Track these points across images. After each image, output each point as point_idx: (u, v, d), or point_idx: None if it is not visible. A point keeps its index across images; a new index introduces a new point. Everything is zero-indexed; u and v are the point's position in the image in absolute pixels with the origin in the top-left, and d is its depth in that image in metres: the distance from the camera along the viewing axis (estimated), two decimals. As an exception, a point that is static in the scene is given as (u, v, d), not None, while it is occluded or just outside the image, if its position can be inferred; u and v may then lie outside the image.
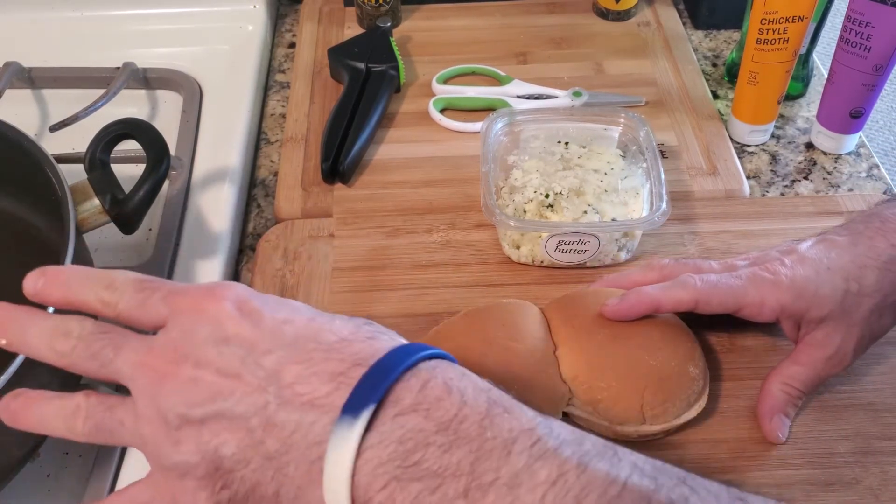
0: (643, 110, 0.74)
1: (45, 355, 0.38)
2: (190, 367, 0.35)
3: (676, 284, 0.50)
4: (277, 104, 0.78)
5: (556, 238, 0.58)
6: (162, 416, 0.35)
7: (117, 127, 0.54)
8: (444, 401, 0.34)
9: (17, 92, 0.76)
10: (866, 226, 0.51)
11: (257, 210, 0.69)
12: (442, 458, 0.33)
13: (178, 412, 0.35)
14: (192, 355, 0.35)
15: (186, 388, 0.35)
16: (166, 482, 0.36)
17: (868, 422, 0.52)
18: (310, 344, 0.36)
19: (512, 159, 0.64)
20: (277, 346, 0.36)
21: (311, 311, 0.38)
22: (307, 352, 0.35)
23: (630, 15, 0.84)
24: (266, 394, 0.35)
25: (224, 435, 0.35)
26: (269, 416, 0.34)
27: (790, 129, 0.74)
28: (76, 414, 0.38)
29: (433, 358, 0.36)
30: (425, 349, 0.36)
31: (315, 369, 0.35)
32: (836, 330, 0.49)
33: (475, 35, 0.83)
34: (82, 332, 0.37)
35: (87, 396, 0.38)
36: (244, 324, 0.36)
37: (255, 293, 0.38)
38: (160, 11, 0.83)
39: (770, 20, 0.64)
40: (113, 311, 0.38)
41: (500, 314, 0.53)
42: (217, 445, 0.34)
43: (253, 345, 0.36)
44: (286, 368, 0.35)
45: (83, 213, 0.52)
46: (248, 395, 0.35)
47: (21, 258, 0.58)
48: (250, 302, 0.37)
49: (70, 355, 0.37)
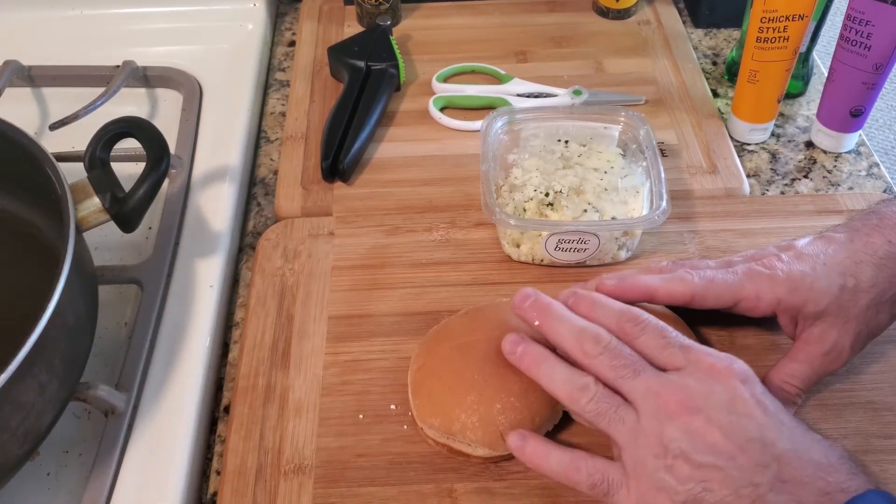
0: (643, 109, 0.74)
1: (569, 346, 0.46)
2: (702, 419, 0.42)
3: (674, 278, 0.51)
4: (277, 103, 0.78)
5: (556, 237, 0.58)
6: (662, 441, 0.42)
7: (117, 125, 0.54)
8: None
9: (17, 90, 0.76)
10: (864, 223, 0.51)
11: (257, 209, 0.69)
12: None
13: (680, 447, 0.42)
14: (704, 410, 0.42)
15: (693, 435, 0.42)
16: (638, 482, 0.43)
17: (867, 420, 0.52)
18: (804, 455, 0.42)
19: (512, 158, 0.64)
20: (780, 440, 0.42)
21: (797, 421, 0.44)
22: (802, 461, 0.42)
23: (630, 13, 0.84)
24: (763, 474, 0.41)
25: (714, 485, 0.41)
26: (759, 493, 0.41)
27: (790, 128, 0.74)
28: (584, 391, 0.44)
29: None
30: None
31: (806, 479, 0.41)
32: (833, 326, 0.49)
33: (475, 33, 0.83)
34: (609, 343, 0.45)
35: (597, 383, 0.44)
36: (754, 406, 0.43)
37: (759, 382, 0.45)
38: (160, 10, 0.83)
39: (770, 19, 0.64)
40: (632, 339, 0.46)
41: (501, 313, 0.53)
42: (705, 488, 0.41)
43: (760, 427, 0.42)
44: (785, 464, 0.41)
45: (83, 212, 0.52)
46: (747, 467, 0.41)
47: (21, 257, 0.58)
48: (756, 389, 0.44)
49: (594, 358, 0.45)
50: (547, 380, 0.46)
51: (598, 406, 0.44)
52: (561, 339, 0.46)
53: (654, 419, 0.43)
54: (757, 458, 0.41)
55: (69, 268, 0.46)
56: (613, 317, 0.47)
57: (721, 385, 0.43)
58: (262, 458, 0.51)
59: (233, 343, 0.59)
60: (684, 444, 0.42)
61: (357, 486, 0.49)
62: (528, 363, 0.47)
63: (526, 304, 0.48)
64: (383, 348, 0.56)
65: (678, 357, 0.45)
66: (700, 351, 0.45)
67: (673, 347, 0.45)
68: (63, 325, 0.47)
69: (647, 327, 0.46)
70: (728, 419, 0.42)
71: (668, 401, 0.43)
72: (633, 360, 0.44)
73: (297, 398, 0.53)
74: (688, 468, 0.41)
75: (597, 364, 0.45)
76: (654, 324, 0.46)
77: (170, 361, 0.55)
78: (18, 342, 0.42)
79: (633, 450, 0.43)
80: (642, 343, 0.45)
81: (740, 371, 0.44)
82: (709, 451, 0.41)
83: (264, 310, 0.59)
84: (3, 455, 0.45)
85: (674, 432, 0.42)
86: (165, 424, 0.52)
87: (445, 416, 0.49)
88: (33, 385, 0.45)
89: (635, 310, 0.47)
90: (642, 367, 0.44)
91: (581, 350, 0.45)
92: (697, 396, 0.43)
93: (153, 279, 0.59)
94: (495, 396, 0.48)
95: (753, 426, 0.42)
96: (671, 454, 0.42)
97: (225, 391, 0.57)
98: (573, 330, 0.46)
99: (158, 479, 0.50)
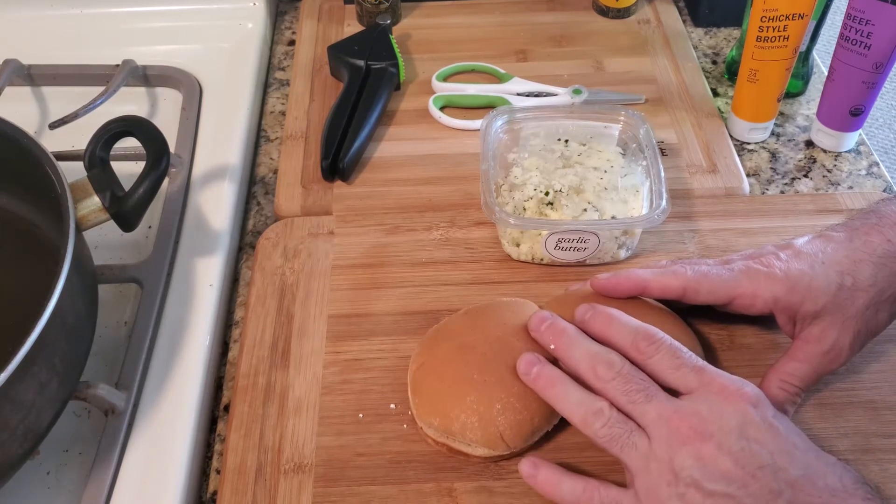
0: (643, 108, 0.74)
1: (583, 371, 0.46)
2: (713, 446, 0.42)
3: (667, 272, 0.51)
4: (277, 102, 0.78)
5: (555, 236, 0.58)
6: (672, 468, 0.42)
7: (117, 124, 0.54)
8: None
9: (17, 89, 0.76)
10: (863, 222, 0.51)
11: (257, 208, 0.69)
12: None
13: (691, 476, 0.42)
14: (716, 436, 0.42)
15: (705, 462, 0.42)
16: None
17: (867, 419, 0.52)
18: (818, 480, 0.42)
19: (512, 157, 0.64)
20: (792, 467, 0.42)
21: (809, 443, 0.44)
22: (816, 487, 0.41)
23: (630, 12, 0.84)
24: (776, 501, 0.41)
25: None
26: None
27: (790, 127, 0.74)
28: (598, 416, 0.44)
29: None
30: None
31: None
32: (832, 325, 0.49)
33: (475, 32, 0.83)
34: (622, 369, 0.45)
35: (611, 408, 0.44)
36: (765, 431, 0.42)
37: (770, 405, 0.44)
38: (160, 9, 0.83)
39: (770, 18, 0.64)
40: (645, 359, 0.46)
41: (500, 312, 0.53)
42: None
43: (772, 453, 0.42)
44: (799, 490, 0.41)
45: (83, 211, 0.52)
46: (759, 494, 0.41)
47: (20, 256, 0.58)
48: (767, 413, 0.44)
49: (608, 382, 0.45)
50: (561, 402, 0.46)
51: (612, 431, 0.44)
52: (575, 363, 0.47)
53: (666, 445, 0.43)
54: (769, 485, 0.41)
55: (69, 267, 0.46)
56: (629, 335, 0.46)
57: (732, 408, 0.43)
58: (261, 456, 0.51)
59: (233, 342, 0.60)
60: (696, 473, 0.41)
61: (357, 485, 0.49)
62: (543, 385, 0.47)
63: (542, 327, 0.49)
64: (383, 347, 0.56)
65: (691, 379, 0.45)
66: (713, 372, 0.45)
67: (686, 368, 0.45)
68: (63, 324, 0.47)
69: (661, 346, 0.46)
70: (739, 445, 0.42)
71: (679, 426, 0.43)
72: (646, 386, 0.44)
73: (296, 397, 0.53)
74: (700, 497, 0.41)
75: (610, 389, 0.45)
76: (669, 344, 0.46)
77: (170, 360, 0.55)
78: (18, 341, 0.42)
79: (645, 477, 0.43)
80: (655, 362, 0.45)
81: (752, 394, 0.44)
82: (720, 479, 0.41)
83: (264, 309, 0.59)
84: (3, 454, 0.45)
85: (685, 459, 0.42)
86: (165, 423, 0.52)
87: (445, 416, 0.49)
88: (33, 384, 0.45)
89: (651, 328, 0.47)
90: (654, 392, 0.44)
91: (594, 374, 0.45)
92: (708, 422, 0.42)
93: (153, 278, 0.59)
94: (495, 396, 0.48)
95: (765, 452, 0.42)
96: (683, 482, 0.42)
97: (225, 390, 0.57)
98: (587, 354, 0.46)
99: (158, 478, 0.50)
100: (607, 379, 0.45)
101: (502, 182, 0.63)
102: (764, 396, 0.44)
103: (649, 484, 0.43)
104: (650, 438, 0.43)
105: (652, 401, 0.44)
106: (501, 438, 0.48)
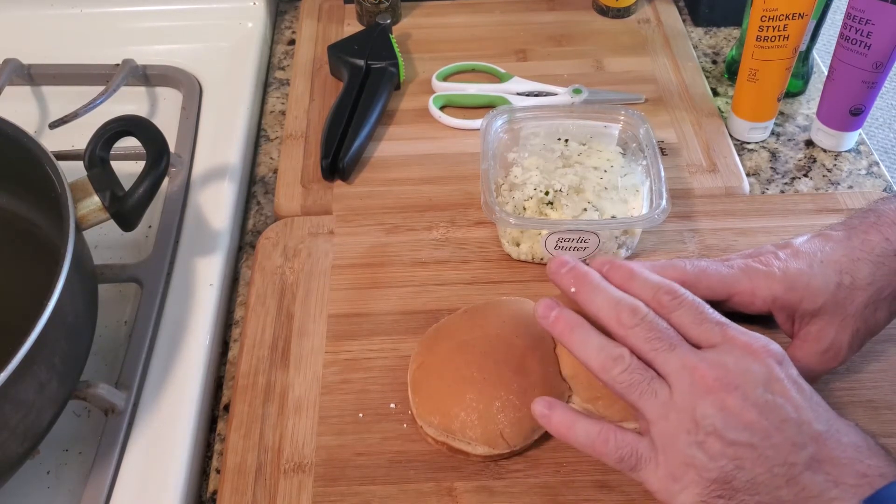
0: (643, 108, 0.74)
1: (605, 316, 0.45)
2: (738, 397, 0.41)
3: (666, 264, 0.50)
4: (277, 101, 0.78)
5: (555, 235, 0.58)
6: (694, 417, 0.41)
7: (117, 124, 0.54)
8: None
9: (17, 89, 0.76)
10: (861, 220, 0.51)
11: (257, 207, 0.69)
12: None
13: (713, 424, 0.41)
14: (741, 388, 0.41)
15: (728, 412, 0.41)
16: (667, 457, 0.42)
17: (867, 419, 0.52)
18: (843, 437, 0.42)
19: (512, 156, 0.64)
20: (817, 422, 0.41)
21: (829, 407, 0.43)
22: (840, 443, 0.41)
23: (630, 12, 0.84)
24: (799, 454, 0.40)
25: (747, 463, 0.41)
26: (794, 473, 0.40)
27: (790, 127, 0.74)
28: (618, 361, 0.43)
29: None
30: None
31: (845, 460, 0.41)
32: (830, 324, 0.49)
33: (475, 32, 0.83)
34: (647, 316, 0.44)
35: (632, 355, 0.43)
36: (790, 387, 0.42)
37: (793, 364, 0.44)
38: (160, 8, 0.83)
39: (770, 17, 0.64)
40: (668, 313, 0.44)
41: (500, 311, 0.53)
42: (737, 466, 0.41)
43: (797, 408, 0.41)
44: (822, 444, 0.41)
45: (83, 211, 0.52)
46: (782, 446, 0.40)
47: (20, 255, 0.58)
48: (791, 371, 0.43)
49: (631, 329, 0.44)
50: (580, 347, 0.45)
51: (631, 377, 0.43)
52: (597, 308, 0.45)
53: (688, 394, 0.42)
54: (793, 437, 0.41)
55: (69, 266, 0.46)
56: (650, 288, 0.45)
57: (758, 364, 0.42)
58: (261, 456, 0.51)
59: (232, 341, 0.60)
60: (718, 422, 0.41)
61: (357, 484, 0.49)
62: (562, 328, 0.45)
63: (563, 269, 0.47)
64: (383, 347, 0.56)
65: (715, 333, 0.44)
66: (736, 329, 0.44)
67: (709, 323, 0.44)
68: (63, 323, 0.47)
69: (684, 302, 0.45)
70: (764, 398, 0.41)
71: (704, 376, 0.42)
72: (670, 335, 0.44)
73: (296, 397, 0.53)
74: (720, 445, 0.41)
75: (632, 335, 0.44)
76: (692, 299, 0.45)
77: (170, 360, 0.55)
78: (18, 340, 0.42)
79: (663, 424, 0.42)
80: (678, 317, 0.44)
81: (777, 352, 0.43)
82: (744, 428, 0.41)
83: (264, 308, 0.59)
84: (3, 453, 0.45)
85: (707, 408, 0.41)
86: (165, 423, 0.52)
87: (445, 415, 0.49)
88: (33, 383, 0.45)
89: (673, 284, 0.46)
90: (678, 342, 0.43)
91: (617, 320, 0.44)
92: (734, 374, 0.42)
93: (153, 278, 0.59)
94: (494, 394, 0.48)
95: (790, 406, 0.41)
96: (703, 430, 0.41)
97: (225, 389, 0.57)
98: (610, 300, 0.45)
99: (158, 478, 0.50)
100: (630, 325, 0.44)
101: (502, 181, 0.63)
102: (787, 356, 0.44)
103: (667, 431, 0.42)
104: (671, 387, 0.43)
105: (675, 350, 0.43)
106: (501, 436, 0.48)
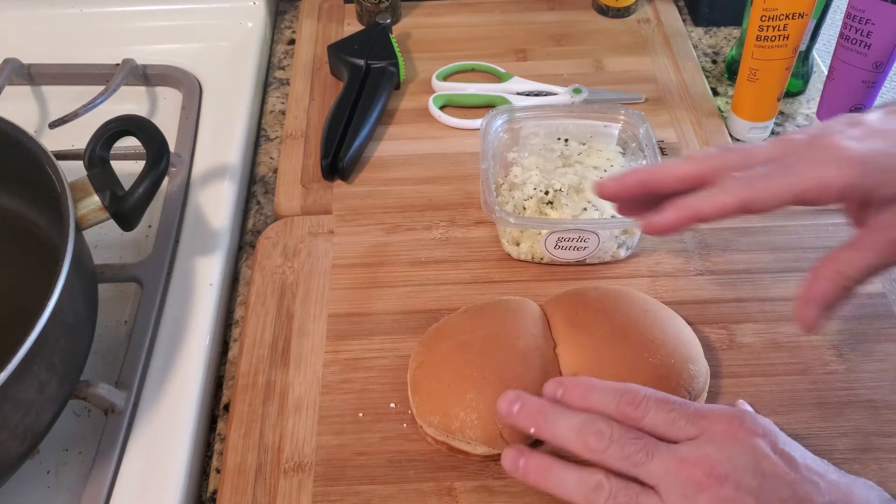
0: (643, 107, 0.74)
1: (572, 447, 0.43)
2: (731, 487, 0.39)
3: (715, 192, 0.43)
4: (277, 101, 0.78)
5: (555, 235, 0.58)
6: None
7: (117, 124, 0.54)
8: None
9: (17, 88, 0.76)
10: None
11: (257, 207, 0.69)
12: None
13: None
14: (731, 477, 0.39)
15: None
16: None
17: (867, 419, 0.52)
18: (851, 499, 0.40)
19: (512, 156, 0.64)
20: (815, 494, 0.40)
21: (826, 464, 0.42)
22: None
23: (630, 12, 0.84)
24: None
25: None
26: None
27: (790, 127, 0.74)
28: (598, 490, 0.41)
29: None
30: None
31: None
32: None
33: (475, 32, 0.83)
34: (613, 434, 0.42)
35: (608, 478, 0.41)
36: (779, 463, 0.40)
37: (779, 431, 0.42)
38: (160, 8, 0.83)
39: (770, 17, 0.64)
40: (636, 422, 0.42)
41: (500, 311, 0.53)
42: None
43: (791, 484, 0.40)
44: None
45: (83, 210, 0.52)
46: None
47: (20, 255, 0.58)
48: (778, 441, 0.41)
49: (603, 452, 0.42)
50: (559, 489, 0.43)
51: (617, 502, 0.41)
52: (562, 441, 0.43)
53: (681, 496, 0.40)
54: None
55: (69, 266, 0.46)
56: (611, 400, 0.43)
57: (740, 447, 0.41)
58: (261, 456, 0.51)
59: (232, 341, 0.60)
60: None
61: (357, 484, 0.49)
62: (535, 479, 0.43)
63: (514, 410, 0.45)
64: (383, 346, 0.56)
65: (689, 429, 0.42)
66: (710, 415, 0.42)
67: (681, 420, 0.42)
68: (63, 323, 0.47)
69: (649, 405, 0.43)
70: (757, 482, 0.40)
71: (692, 474, 0.40)
72: (643, 443, 0.42)
73: (296, 396, 0.53)
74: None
75: (607, 458, 0.42)
76: (655, 399, 0.43)
77: (170, 359, 0.55)
78: (18, 340, 0.42)
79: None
80: (649, 422, 0.43)
81: (756, 426, 0.41)
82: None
83: (264, 308, 0.59)
84: (3, 453, 0.45)
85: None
86: (165, 422, 0.52)
87: (445, 414, 0.49)
88: (33, 383, 0.45)
89: (631, 387, 0.44)
90: (654, 446, 0.41)
91: (586, 448, 0.42)
92: (721, 464, 0.40)
93: (153, 277, 0.59)
94: (494, 394, 0.48)
95: (784, 485, 0.40)
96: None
97: (225, 389, 0.57)
98: (572, 429, 0.43)
99: (158, 477, 0.50)
100: (601, 449, 0.42)
101: (502, 181, 0.63)
102: (768, 423, 0.42)
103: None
104: (661, 495, 0.41)
105: (654, 457, 0.41)
106: (501, 436, 0.48)
